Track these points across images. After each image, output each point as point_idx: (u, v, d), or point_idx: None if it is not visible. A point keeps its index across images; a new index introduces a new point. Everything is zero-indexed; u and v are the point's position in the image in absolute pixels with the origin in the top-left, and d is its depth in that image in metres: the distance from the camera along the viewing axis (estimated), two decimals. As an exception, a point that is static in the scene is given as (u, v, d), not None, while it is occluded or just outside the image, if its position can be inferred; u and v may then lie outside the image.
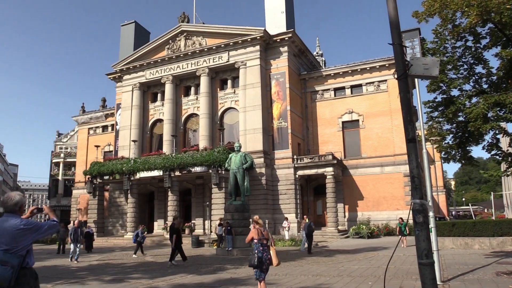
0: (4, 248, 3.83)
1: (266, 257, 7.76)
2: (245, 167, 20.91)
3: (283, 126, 31.35)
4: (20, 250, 3.90)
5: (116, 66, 38.02)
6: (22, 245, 3.92)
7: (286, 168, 30.55)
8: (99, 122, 45.11)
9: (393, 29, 5.92)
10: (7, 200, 4.09)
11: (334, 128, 33.55)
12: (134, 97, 37.02)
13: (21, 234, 3.91)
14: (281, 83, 32.11)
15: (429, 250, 5.26)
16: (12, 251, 3.84)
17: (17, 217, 4.04)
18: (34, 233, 3.99)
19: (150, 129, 37.20)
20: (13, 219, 3.99)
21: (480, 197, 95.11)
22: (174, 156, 30.10)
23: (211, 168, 28.16)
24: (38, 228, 4.01)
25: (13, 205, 4.08)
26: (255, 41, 32.17)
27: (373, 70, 32.76)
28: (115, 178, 32.38)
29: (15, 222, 3.94)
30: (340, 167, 31.29)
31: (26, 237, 3.94)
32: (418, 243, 5.32)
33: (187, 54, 34.75)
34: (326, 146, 33.23)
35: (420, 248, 5.28)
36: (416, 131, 5.88)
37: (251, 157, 22.01)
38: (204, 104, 33.55)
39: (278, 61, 32.66)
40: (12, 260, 3.81)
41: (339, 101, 33.84)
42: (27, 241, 3.96)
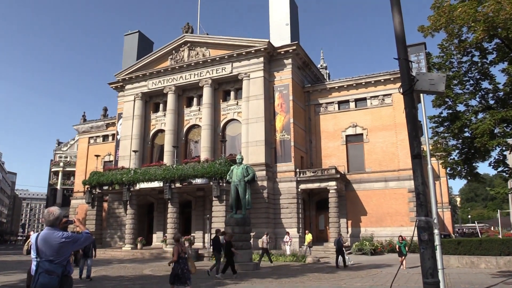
0: (50, 259, 4.29)
1: (184, 268, 9.43)
2: (247, 179, 20.84)
3: (286, 138, 31.37)
4: (63, 261, 4.37)
5: (118, 75, 38.32)
6: (64, 256, 4.39)
7: (288, 181, 30.46)
8: (100, 131, 45.27)
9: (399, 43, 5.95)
10: (48, 215, 4.55)
11: (338, 141, 33.53)
12: (136, 106, 37.21)
13: (63, 246, 4.37)
14: (284, 96, 32.23)
15: (434, 269, 5.20)
16: (56, 262, 4.31)
17: (58, 230, 4.49)
18: (73, 245, 4.47)
19: (151, 140, 37.28)
20: (55, 232, 4.43)
21: (487, 214, 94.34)
22: (175, 167, 30.08)
23: (212, 180, 28.11)
24: (77, 240, 4.48)
25: (55, 219, 4.53)
26: (259, 53, 32.41)
27: (378, 84, 32.88)
28: (115, 188, 32.33)
29: (57, 235, 4.39)
30: (343, 181, 31.17)
31: (67, 249, 4.41)
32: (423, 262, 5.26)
33: (190, 65, 35.01)
34: (330, 160, 33.17)
35: (425, 267, 5.22)
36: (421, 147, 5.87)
37: (253, 170, 21.97)
38: (206, 115, 33.68)
39: (282, 73, 32.85)
40: (57, 270, 4.29)
41: (343, 115, 33.90)
42: (68, 252, 4.45)
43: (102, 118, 47.08)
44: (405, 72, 5.86)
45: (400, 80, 6.01)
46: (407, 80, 5.84)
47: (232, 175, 21.31)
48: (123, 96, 38.95)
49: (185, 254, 9.65)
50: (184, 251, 9.74)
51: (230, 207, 21.60)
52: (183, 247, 9.79)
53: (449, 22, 11.33)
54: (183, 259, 9.51)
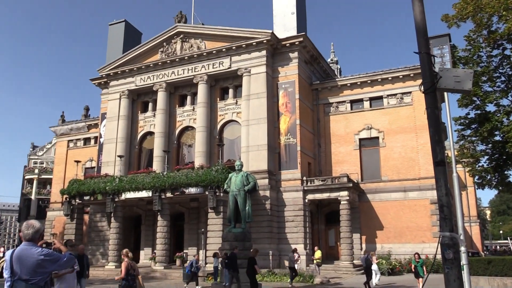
0: (26, 278, 4.15)
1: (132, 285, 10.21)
2: (247, 189, 20.82)
3: (292, 142, 31.38)
4: (40, 281, 4.22)
5: (102, 70, 38.45)
6: (41, 276, 4.24)
7: (294, 191, 30.46)
8: (81, 133, 45.37)
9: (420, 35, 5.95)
10: (27, 227, 4.43)
11: (350, 146, 33.53)
12: (121, 106, 37.32)
13: (42, 264, 4.23)
14: (290, 94, 32.29)
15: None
16: (33, 282, 4.17)
17: (38, 246, 4.36)
18: (53, 264, 4.32)
19: (139, 143, 37.35)
20: (34, 248, 4.29)
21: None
22: (165, 175, 30.11)
23: (207, 189, 28.12)
24: (57, 259, 4.34)
25: (34, 233, 4.40)
26: (261, 45, 32.51)
27: (396, 81, 32.92)
28: (97, 198, 32.35)
29: (36, 251, 4.26)
30: (356, 191, 31.12)
31: (46, 268, 4.27)
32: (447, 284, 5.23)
33: (183, 59, 35.13)
34: (341, 167, 33.16)
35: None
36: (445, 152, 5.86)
37: (254, 178, 21.95)
38: (202, 115, 33.74)
39: (287, 68, 32.93)
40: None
41: (356, 115, 33.91)
42: (46, 272, 4.29)
43: (83, 118, 47.19)
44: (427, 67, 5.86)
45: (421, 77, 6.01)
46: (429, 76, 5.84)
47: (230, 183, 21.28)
48: (107, 93, 39.06)
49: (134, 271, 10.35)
50: (134, 268, 10.41)
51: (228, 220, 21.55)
52: (132, 264, 10.44)
53: (477, 11, 11.36)
54: (131, 276, 10.18)
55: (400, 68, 32.87)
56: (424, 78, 5.89)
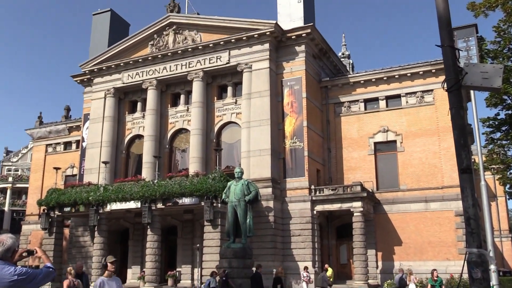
0: None
1: None
2: (248, 199, 20.85)
3: (298, 147, 31.39)
4: None
5: (85, 66, 38.54)
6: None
7: (301, 201, 30.43)
8: (61, 137, 45.42)
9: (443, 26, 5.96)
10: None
11: (364, 150, 33.50)
12: (106, 106, 37.38)
13: (15, 286, 4.17)
14: (296, 92, 32.32)
15: (490, 316, 5.16)
16: None
17: (10, 264, 4.30)
18: (29, 284, 4.25)
19: (127, 148, 37.39)
20: (6, 267, 4.23)
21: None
22: (156, 184, 30.12)
23: (203, 199, 28.10)
24: (33, 277, 4.27)
25: (5, 250, 4.35)
26: (263, 37, 32.58)
27: (416, 77, 32.92)
28: (79, 210, 32.35)
29: (8, 271, 4.19)
30: (371, 201, 31.07)
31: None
32: (475, 306, 5.22)
33: (176, 53, 35.21)
34: (353, 174, 33.11)
35: (478, 313, 5.18)
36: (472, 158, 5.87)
37: (255, 187, 21.97)
38: (197, 116, 33.78)
39: (293, 63, 32.97)
40: None
41: (370, 116, 33.90)
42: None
43: (63, 120, 47.29)
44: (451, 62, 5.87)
45: (444, 73, 6.02)
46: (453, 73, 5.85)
47: (229, 193, 21.30)
48: (90, 92, 39.15)
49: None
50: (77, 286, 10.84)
51: (226, 234, 21.59)
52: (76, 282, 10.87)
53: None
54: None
55: (420, 63, 32.88)
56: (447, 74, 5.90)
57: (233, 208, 20.90)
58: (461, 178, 5.61)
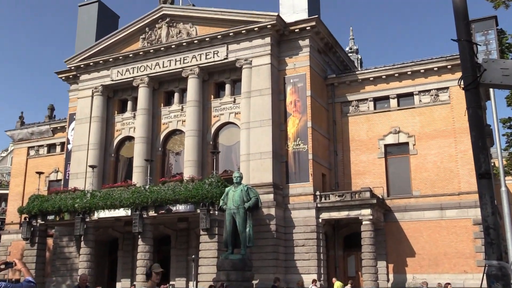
0: None
1: None
2: (248, 206, 20.87)
3: (302, 149, 31.38)
4: None
5: (70, 61, 38.53)
6: None
7: (305, 208, 30.40)
8: (44, 139, 45.39)
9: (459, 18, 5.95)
10: None
11: (374, 153, 33.50)
12: (94, 105, 37.38)
13: None
14: (299, 90, 32.34)
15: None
16: None
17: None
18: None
19: (116, 151, 37.39)
20: None
21: None
22: (148, 189, 30.12)
23: (199, 206, 28.07)
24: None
25: None
26: (264, 30, 32.60)
27: (430, 74, 32.94)
28: (64, 218, 32.34)
29: None
30: (381, 208, 31.05)
31: None
32: (495, 324, 5.20)
33: (170, 47, 35.24)
34: (362, 179, 33.09)
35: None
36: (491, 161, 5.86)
37: (256, 193, 21.98)
38: (192, 116, 33.79)
39: (296, 59, 33.00)
40: None
41: (380, 116, 33.90)
42: None
43: (47, 120, 47.26)
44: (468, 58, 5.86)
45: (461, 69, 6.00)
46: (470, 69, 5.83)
47: (227, 200, 21.32)
48: (76, 90, 39.16)
49: None
50: None
51: (224, 244, 21.58)
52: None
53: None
54: None
55: (434, 59, 32.88)
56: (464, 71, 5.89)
57: (232, 216, 20.91)
58: (480, 184, 5.59)
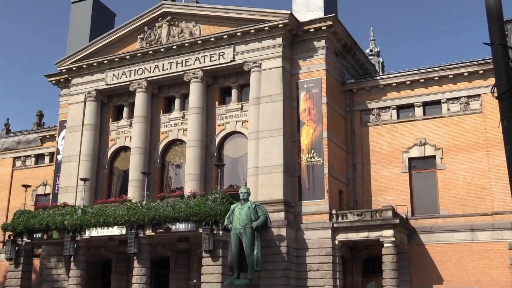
0: None
1: None
2: (256, 225, 20.82)
3: (317, 162, 31.34)
4: None
5: (61, 63, 38.75)
6: None
7: (319, 229, 30.31)
8: (31, 148, 45.56)
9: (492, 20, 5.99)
10: None
11: (397, 167, 33.41)
12: (87, 111, 37.56)
13: None
14: (314, 96, 32.37)
15: None
16: None
17: None
18: None
19: (110, 162, 37.51)
20: None
21: None
22: (144, 206, 30.14)
23: (201, 225, 28.08)
24: None
25: None
26: (275, 30, 32.70)
27: (459, 79, 32.90)
28: (52, 237, 32.37)
29: None
30: (405, 230, 30.93)
31: None
32: None
33: (170, 48, 35.40)
34: (383, 196, 33.01)
35: None
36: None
37: (265, 211, 21.94)
38: (194, 125, 33.86)
39: (311, 62, 33.06)
40: None
41: (404, 126, 33.83)
42: None
43: (35, 128, 47.50)
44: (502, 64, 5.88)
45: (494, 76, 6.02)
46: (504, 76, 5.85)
47: (232, 218, 21.27)
48: (68, 95, 39.36)
49: None
50: None
51: (229, 267, 21.50)
52: None
53: None
54: None
55: (465, 63, 32.83)
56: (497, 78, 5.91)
57: (238, 237, 20.85)
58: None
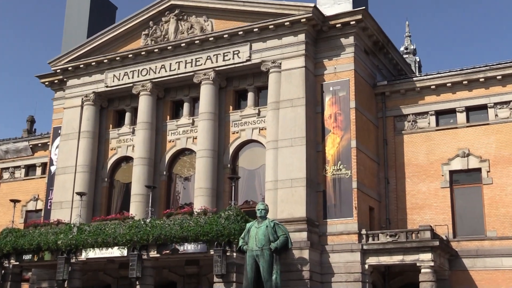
0: None
1: None
2: (275, 247, 20.84)
3: (344, 176, 31.24)
4: None
5: (55, 62, 39.07)
6: None
7: (347, 251, 30.20)
8: (21, 158, 45.84)
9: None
10: None
11: (436, 182, 33.24)
12: (84, 117, 37.74)
13: None
14: (341, 100, 32.32)
15: None
16: None
17: None
18: None
19: (110, 174, 37.67)
20: None
21: None
22: (149, 224, 30.19)
23: (213, 246, 28.09)
24: None
25: None
26: (297, 26, 32.71)
27: (509, 81, 32.76)
28: (43, 259, 32.50)
29: None
30: (445, 253, 30.77)
31: None
32: None
33: (179, 46, 35.57)
34: (421, 215, 32.87)
35: None
36: None
37: (285, 230, 21.96)
38: (205, 133, 33.91)
39: (338, 61, 33.04)
40: None
41: (444, 135, 33.69)
42: None
43: (25, 136, 47.90)
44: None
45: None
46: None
47: (248, 238, 21.30)
48: (63, 98, 39.67)
49: None
50: None
51: (244, 295, 21.56)
52: None
53: None
54: None
55: (515, 61, 32.77)
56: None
57: (254, 259, 20.89)
58: None
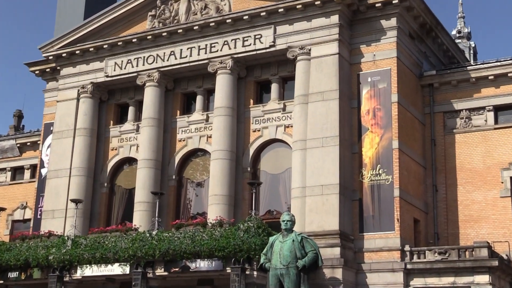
0: None
1: None
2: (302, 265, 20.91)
3: (384, 182, 31.22)
4: None
5: (47, 48, 39.41)
6: None
7: (387, 271, 30.18)
8: (7, 160, 46.25)
9: None
10: None
11: (494, 190, 33.13)
12: (80, 111, 38.03)
13: None
14: (381, 93, 32.32)
15: None
16: None
17: None
18: None
19: (110, 179, 37.93)
20: None
21: None
22: (155, 236, 30.38)
23: (230, 263, 28.21)
24: None
25: None
26: (330, 5, 32.62)
27: None
28: (32, 276, 32.82)
29: None
30: (506, 275, 30.62)
31: None
32: None
33: (191, 30, 35.73)
34: (475, 229, 32.81)
35: None
36: None
37: (314, 245, 22.03)
38: (222, 130, 34.05)
39: (377, 47, 33.02)
40: None
41: (505, 134, 33.60)
42: None
43: (12, 133, 48.33)
44: None
45: None
46: None
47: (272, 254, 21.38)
48: (55, 89, 40.02)
49: None
50: None
51: (266, 320, 21.70)
52: None
53: None
54: None
55: None
56: None
57: (278, 279, 20.98)
58: None
